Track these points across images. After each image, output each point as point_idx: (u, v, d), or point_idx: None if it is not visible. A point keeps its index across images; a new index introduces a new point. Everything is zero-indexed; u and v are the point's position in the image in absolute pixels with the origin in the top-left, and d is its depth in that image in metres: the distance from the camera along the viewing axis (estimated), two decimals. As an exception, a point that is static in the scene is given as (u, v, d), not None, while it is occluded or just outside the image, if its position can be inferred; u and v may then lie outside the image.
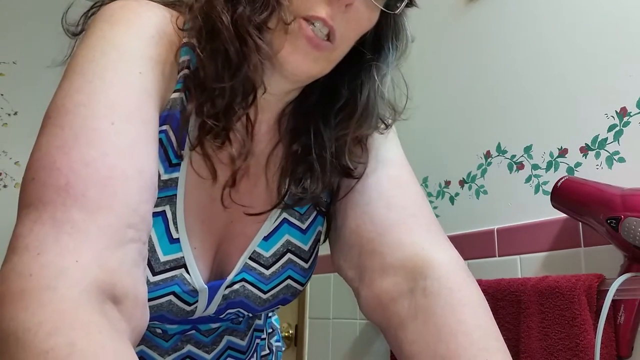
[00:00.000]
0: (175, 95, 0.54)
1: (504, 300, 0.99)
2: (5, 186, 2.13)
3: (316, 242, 0.66)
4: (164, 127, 0.54)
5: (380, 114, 0.62)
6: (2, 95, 2.20)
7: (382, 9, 0.56)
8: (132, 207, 0.43)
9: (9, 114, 2.20)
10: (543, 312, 0.91)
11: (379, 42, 0.62)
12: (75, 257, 0.38)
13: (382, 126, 0.64)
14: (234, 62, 0.52)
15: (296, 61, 0.53)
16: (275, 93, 0.59)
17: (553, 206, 0.95)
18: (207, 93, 0.53)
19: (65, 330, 0.34)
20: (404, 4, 0.57)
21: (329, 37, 0.53)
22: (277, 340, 0.84)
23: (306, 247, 0.65)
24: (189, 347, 0.65)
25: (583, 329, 0.84)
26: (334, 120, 0.61)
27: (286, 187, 0.62)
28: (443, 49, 1.38)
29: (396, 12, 0.57)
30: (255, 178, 0.62)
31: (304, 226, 0.65)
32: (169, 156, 0.55)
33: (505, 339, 0.51)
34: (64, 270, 0.37)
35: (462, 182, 1.27)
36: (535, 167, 1.10)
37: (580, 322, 0.85)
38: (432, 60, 1.39)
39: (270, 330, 0.82)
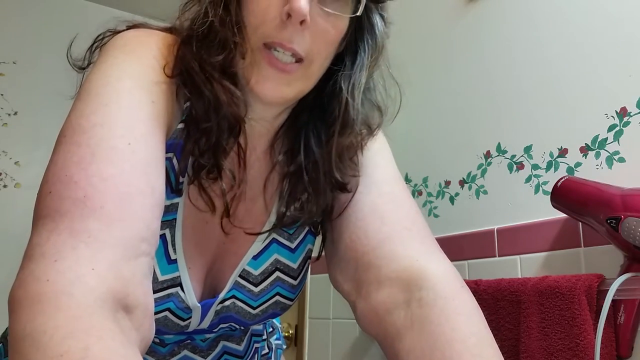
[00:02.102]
0: (182, 125, 0.57)
1: (504, 300, 0.99)
2: (5, 186, 2.13)
3: (306, 259, 0.68)
4: (169, 155, 0.56)
5: (363, 118, 0.62)
6: (2, 95, 2.20)
7: (340, 14, 0.56)
8: (146, 223, 0.44)
9: (9, 114, 2.20)
10: (543, 312, 0.91)
11: (356, 45, 0.61)
12: (92, 265, 0.39)
13: (365, 131, 0.63)
14: (213, 103, 0.54)
15: (268, 90, 0.54)
16: (262, 120, 0.61)
17: (553, 206, 0.95)
18: (200, 132, 0.56)
19: (79, 335, 0.35)
20: (362, 4, 0.56)
21: (295, 59, 0.54)
22: (277, 339, 0.85)
23: (295, 265, 0.66)
24: (186, 352, 0.66)
25: (583, 329, 0.84)
26: (325, 137, 0.62)
27: (284, 208, 0.63)
28: (443, 49, 1.38)
29: (358, 13, 0.57)
30: (252, 202, 0.63)
31: (292, 245, 0.66)
32: (172, 184, 0.57)
33: (505, 339, 0.51)
34: (80, 277, 0.38)
35: (462, 182, 1.27)
36: (535, 167, 1.10)
37: (580, 322, 0.85)
38: (432, 60, 1.39)
39: (270, 330, 0.83)
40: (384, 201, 0.62)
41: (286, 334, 1.73)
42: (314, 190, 0.62)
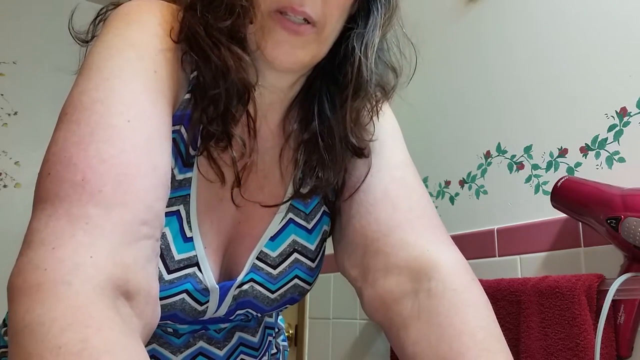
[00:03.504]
0: (189, 95, 0.55)
1: (504, 300, 0.99)
2: (5, 186, 2.13)
3: (322, 241, 0.66)
4: (178, 127, 0.55)
5: (377, 80, 0.60)
6: (2, 95, 2.20)
7: None
8: (147, 204, 0.43)
9: (9, 114, 2.20)
10: (543, 312, 0.91)
11: (369, 5, 0.60)
12: (90, 252, 0.39)
13: (380, 94, 0.62)
14: (220, 68, 0.53)
15: (282, 54, 0.53)
16: (274, 88, 0.59)
17: (553, 206, 0.95)
18: (208, 99, 0.54)
19: (78, 326, 0.35)
20: None
21: (308, 21, 0.53)
22: (283, 340, 0.85)
23: (312, 247, 0.65)
24: (201, 344, 0.65)
25: (583, 329, 0.84)
26: (338, 102, 0.60)
27: (300, 178, 0.62)
28: (443, 49, 1.38)
29: None
30: (265, 174, 0.62)
31: (309, 226, 0.65)
32: (183, 157, 0.56)
33: (505, 339, 0.51)
34: (78, 266, 0.38)
35: (462, 182, 1.27)
36: (535, 167, 1.10)
37: (580, 322, 0.85)
38: (432, 60, 1.39)
39: (277, 330, 0.82)
40: (395, 187, 0.61)
41: (286, 334, 1.73)
42: (330, 157, 0.60)
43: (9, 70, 2.22)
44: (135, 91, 0.47)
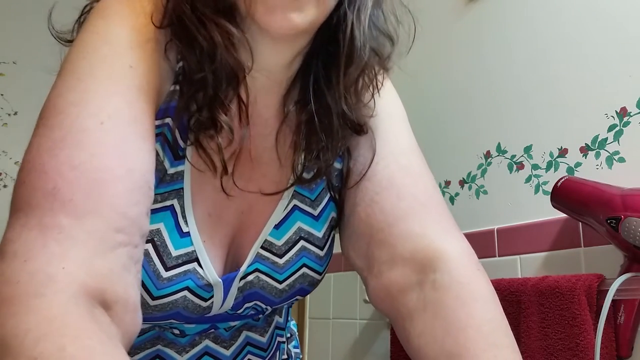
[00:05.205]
0: (174, 87, 0.53)
1: (504, 300, 0.99)
2: (5, 186, 2.13)
3: (330, 228, 0.64)
4: (166, 120, 0.53)
5: (372, 47, 0.58)
6: (2, 95, 2.20)
7: None
8: (121, 211, 0.42)
9: (9, 114, 2.20)
10: (543, 312, 0.91)
11: None
12: (63, 263, 0.37)
13: (376, 61, 0.59)
14: (206, 49, 0.50)
15: (277, 20, 0.49)
16: (266, 72, 0.56)
17: (553, 206, 0.95)
18: (194, 86, 0.52)
19: (53, 336, 0.34)
20: None
21: None
22: (295, 347, 0.82)
23: (320, 234, 0.62)
24: (207, 342, 0.63)
25: (583, 329, 0.84)
26: (334, 75, 0.57)
27: (301, 161, 0.60)
28: (443, 49, 1.38)
29: None
30: (264, 161, 0.60)
31: (315, 212, 0.62)
32: (174, 150, 0.54)
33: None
34: (51, 277, 0.36)
35: (462, 182, 1.27)
36: (535, 167, 1.10)
37: (580, 322, 0.85)
38: (432, 61, 1.39)
39: (289, 335, 0.79)
40: (401, 175, 0.59)
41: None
42: (327, 137, 0.58)
43: (9, 70, 2.22)
44: (109, 91, 0.45)
